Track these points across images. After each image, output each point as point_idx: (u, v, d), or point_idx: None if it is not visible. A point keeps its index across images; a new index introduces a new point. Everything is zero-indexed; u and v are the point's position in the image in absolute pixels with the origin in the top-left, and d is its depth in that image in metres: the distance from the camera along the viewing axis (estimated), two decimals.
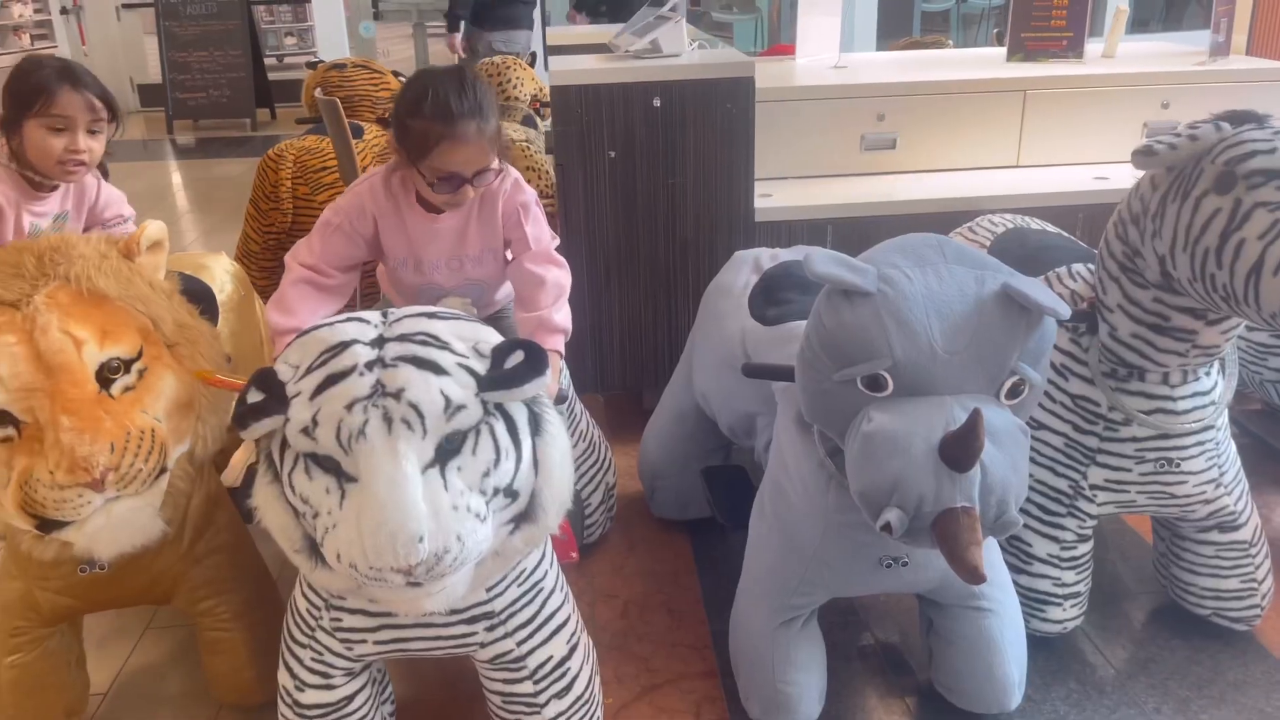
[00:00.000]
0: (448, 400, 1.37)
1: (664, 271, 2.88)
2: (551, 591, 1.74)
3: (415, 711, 1.99)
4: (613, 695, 2.01)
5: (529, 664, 1.70)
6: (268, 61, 9.84)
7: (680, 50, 2.81)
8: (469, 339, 1.47)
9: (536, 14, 6.10)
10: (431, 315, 1.49)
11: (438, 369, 1.39)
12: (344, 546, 1.33)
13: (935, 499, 1.45)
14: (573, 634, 1.76)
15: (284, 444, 1.42)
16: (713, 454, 2.52)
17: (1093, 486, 1.97)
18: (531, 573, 1.70)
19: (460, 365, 1.41)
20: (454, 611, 1.62)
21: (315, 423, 1.35)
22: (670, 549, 2.51)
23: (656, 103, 2.70)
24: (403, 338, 1.43)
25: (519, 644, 1.68)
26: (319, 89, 3.85)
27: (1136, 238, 1.79)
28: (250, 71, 8.81)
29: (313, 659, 1.68)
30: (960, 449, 1.44)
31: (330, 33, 8.26)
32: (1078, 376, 1.96)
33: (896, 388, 1.52)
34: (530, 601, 1.69)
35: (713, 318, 2.30)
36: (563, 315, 2.03)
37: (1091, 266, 2.03)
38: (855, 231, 2.81)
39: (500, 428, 1.44)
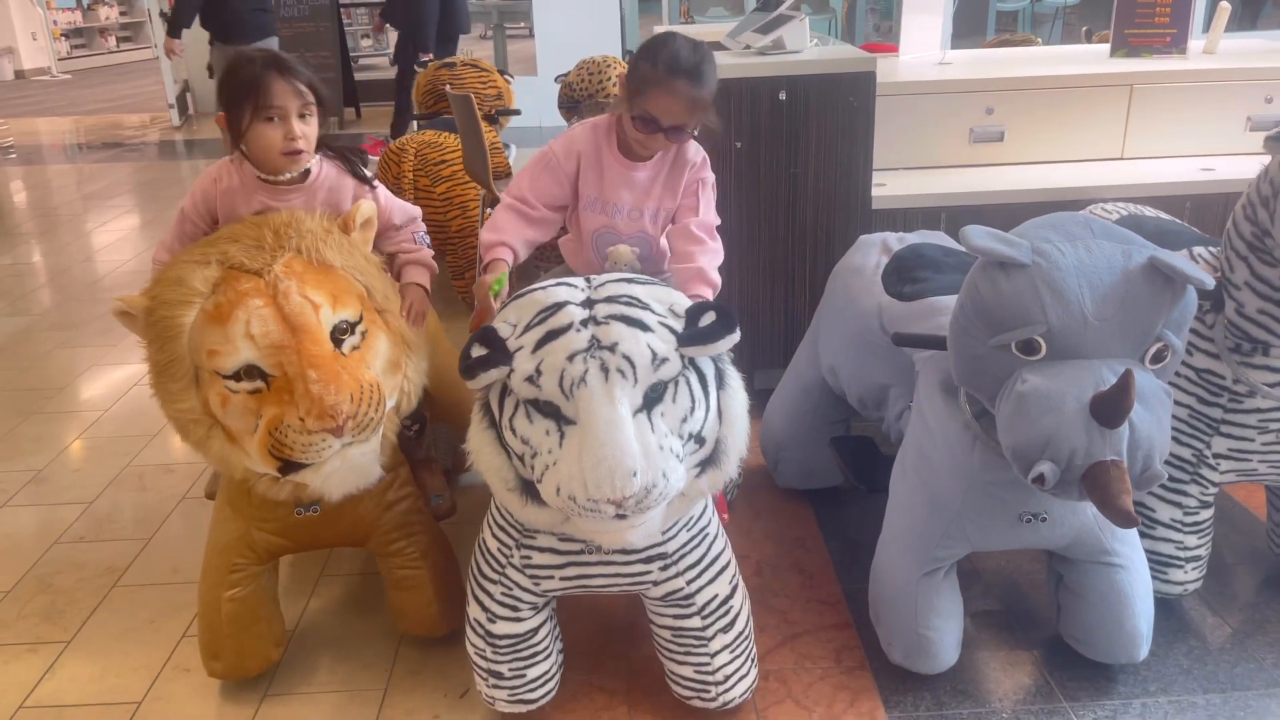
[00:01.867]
0: (654, 353, 1.55)
1: (784, 257, 3.04)
2: (715, 537, 1.91)
3: (577, 649, 2.16)
4: (756, 643, 2.16)
5: (697, 601, 1.86)
6: None
7: (803, 46, 2.97)
8: (665, 301, 1.65)
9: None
10: (630, 280, 1.67)
11: (644, 326, 1.57)
12: (564, 480, 1.51)
13: (1086, 453, 1.59)
14: (733, 575, 1.92)
15: (504, 393, 1.60)
16: (835, 426, 2.67)
17: (1216, 455, 2.09)
18: (698, 519, 1.88)
19: (661, 324, 1.59)
20: (633, 551, 1.79)
21: (539, 372, 1.53)
22: (795, 516, 2.66)
23: (782, 96, 2.85)
24: (609, 299, 1.61)
25: (689, 582, 1.85)
26: (448, 86, 4.06)
27: (1266, 218, 1.91)
28: (339, 72, 9.11)
29: (503, 593, 1.86)
30: (1111, 407, 1.57)
31: None
32: (1202, 351, 2.08)
33: (1049, 352, 1.66)
34: (698, 544, 1.86)
35: (844, 296, 2.44)
36: (715, 273, 2.17)
37: (1212, 249, 2.15)
38: (968, 219, 2.88)
39: (694, 379, 1.61)
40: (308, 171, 2.08)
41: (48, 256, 5.53)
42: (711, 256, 2.16)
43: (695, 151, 2.21)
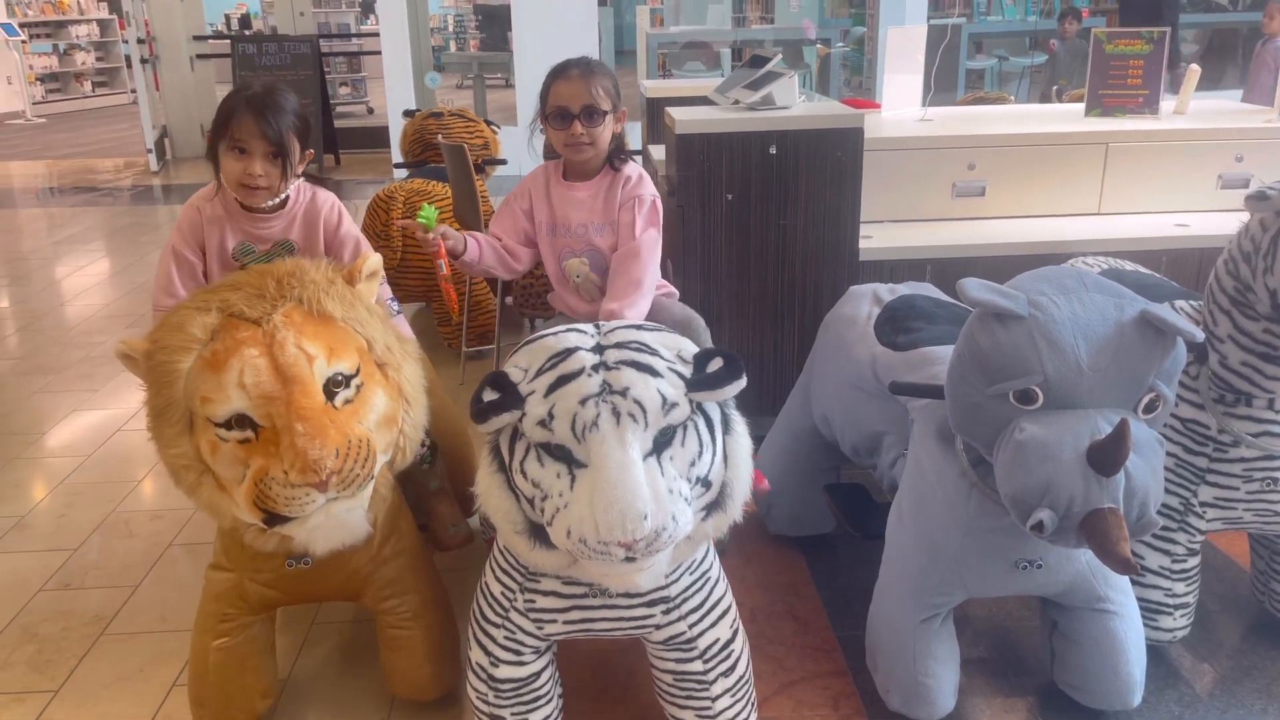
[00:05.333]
0: (664, 398, 1.57)
1: (773, 307, 3.09)
2: (717, 580, 1.92)
3: (576, 694, 2.15)
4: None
5: (699, 644, 1.87)
6: None
7: (792, 103, 3.05)
8: (673, 347, 1.68)
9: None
10: (639, 327, 1.70)
11: (654, 372, 1.60)
12: (575, 523, 1.52)
13: (1084, 500, 1.63)
14: (734, 619, 1.94)
15: (514, 436, 1.62)
16: (826, 473, 2.70)
17: (1202, 504, 2.13)
18: (700, 563, 1.89)
19: (670, 369, 1.62)
20: (637, 595, 1.80)
21: (551, 416, 1.55)
22: (786, 563, 2.68)
23: (773, 150, 2.92)
24: (619, 345, 1.63)
25: (690, 626, 1.86)
26: (439, 136, 4.10)
27: (1248, 274, 1.97)
28: (320, 119, 9.18)
29: (506, 637, 1.86)
30: (1108, 455, 1.61)
31: (398, 83, 8.68)
32: (1187, 402, 2.13)
33: (1046, 401, 1.70)
34: (701, 588, 1.87)
35: (837, 346, 2.49)
36: (635, 311, 2.35)
37: (1194, 303, 2.22)
38: (952, 271, 2.99)
39: (701, 424, 1.64)
40: (286, 198, 2.27)
41: (21, 302, 5.47)
42: (631, 288, 2.37)
43: (632, 169, 2.47)
